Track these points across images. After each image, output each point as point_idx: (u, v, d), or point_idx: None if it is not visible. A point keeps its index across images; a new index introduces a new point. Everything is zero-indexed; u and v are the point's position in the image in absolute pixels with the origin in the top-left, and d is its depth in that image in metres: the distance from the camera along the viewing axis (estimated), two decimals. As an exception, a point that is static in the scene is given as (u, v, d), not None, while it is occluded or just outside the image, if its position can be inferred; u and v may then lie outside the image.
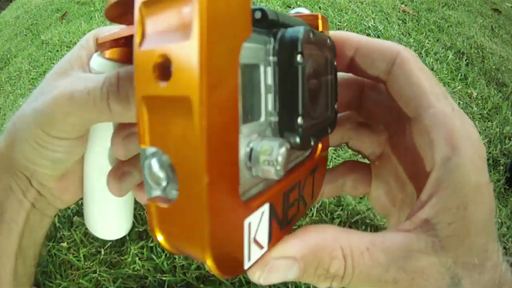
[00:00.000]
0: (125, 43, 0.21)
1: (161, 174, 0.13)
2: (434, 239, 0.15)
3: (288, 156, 0.15)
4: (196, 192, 0.12)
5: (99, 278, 0.32)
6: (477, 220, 0.15)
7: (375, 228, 0.38)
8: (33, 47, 0.98)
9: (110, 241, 0.33)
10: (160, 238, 0.13)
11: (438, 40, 0.79)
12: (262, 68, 0.17)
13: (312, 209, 0.38)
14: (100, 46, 0.22)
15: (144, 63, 0.12)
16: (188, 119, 0.11)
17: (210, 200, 0.11)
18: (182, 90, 0.11)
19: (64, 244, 0.35)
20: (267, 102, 0.17)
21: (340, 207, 0.39)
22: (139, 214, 0.37)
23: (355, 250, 0.15)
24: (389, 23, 0.80)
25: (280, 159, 0.14)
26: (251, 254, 0.14)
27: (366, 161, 0.22)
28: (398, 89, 0.17)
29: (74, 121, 0.22)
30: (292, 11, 0.21)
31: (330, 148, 0.46)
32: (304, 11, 0.21)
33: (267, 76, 0.17)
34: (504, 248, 0.47)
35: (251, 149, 0.15)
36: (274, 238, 0.16)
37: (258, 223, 0.15)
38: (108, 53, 0.22)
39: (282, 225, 0.17)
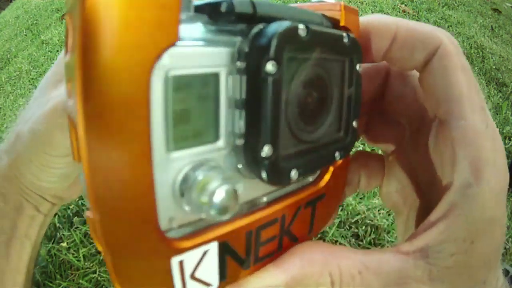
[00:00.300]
0: None
1: None
2: (432, 267, 0.14)
3: (234, 197, 0.12)
4: (94, 228, 0.10)
5: (99, 278, 0.32)
6: (482, 254, 0.14)
7: (375, 228, 0.38)
8: (33, 47, 0.98)
9: None
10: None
11: (438, 40, 0.80)
12: (223, 77, 0.13)
13: (312, 209, 0.38)
14: None
15: None
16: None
17: (106, 237, 0.10)
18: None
19: (64, 244, 0.35)
20: (231, 120, 0.13)
21: (340, 207, 0.39)
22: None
23: (345, 274, 0.14)
24: (389, 23, 0.80)
25: (217, 200, 0.11)
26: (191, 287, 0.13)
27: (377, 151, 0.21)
28: (432, 86, 0.15)
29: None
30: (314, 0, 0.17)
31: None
32: None
33: (229, 88, 0.13)
34: (505, 248, 0.47)
35: (186, 177, 0.12)
36: (231, 276, 0.15)
37: (198, 261, 0.14)
38: None
39: (246, 264, 0.15)
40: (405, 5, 0.92)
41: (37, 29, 1.12)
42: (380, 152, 0.20)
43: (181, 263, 0.13)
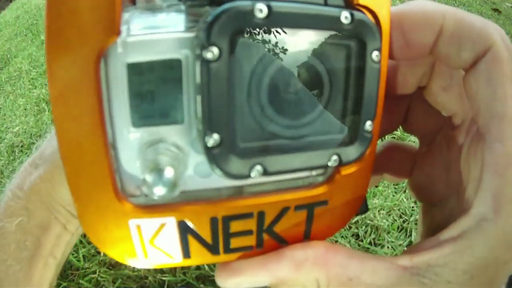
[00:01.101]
0: None
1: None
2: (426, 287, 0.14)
3: (166, 182, 0.12)
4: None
5: (99, 278, 0.32)
6: (477, 285, 0.14)
7: (376, 229, 0.38)
8: (33, 47, 0.98)
9: None
10: None
11: (438, 40, 0.79)
12: (186, 63, 0.13)
13: (312, 209, 0.37)
14: None
15: None
16: None
17: (71, 189, 0.13)
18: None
19: (64, 245, 0.35)
20: (193, 104, 0.13)
21: (340, 207, 0.39)
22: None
23: (333, 281, 0.14)
24: (389, 23, 0.80)
25: (167, 176, 0.12)
26: (150, 255, 0.15)
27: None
28: (475, 93, 0.13)
29: None
30: None
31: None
32: None
33: (190, 73, 0.13)
34: None
35: (145, 155, 0.13)
36: (197, 257, 0.15)
37: (155, 230, 0.15)
38: None
39: (215, 250, 0.15)
40: (405, 5, 0.92)
41: (37, 29, 1.12)
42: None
43: (138, 227, 0.14)
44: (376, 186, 0.42)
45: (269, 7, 0.12)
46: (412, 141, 0.46)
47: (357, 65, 0.14)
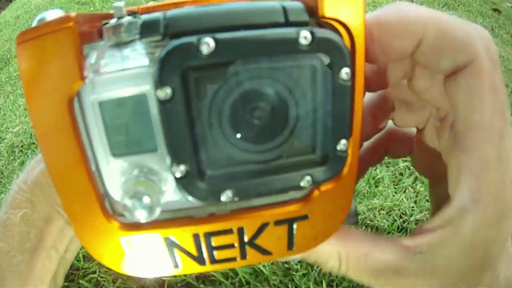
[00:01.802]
0: None
1: None
2: (426, 264, 0.15)
3: (153, 204, 0.13)
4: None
5: (99, 278, 0.32)
6: (468, 270, 0.15)
7: (376, 229, 0.37)
8: (33, 47, 0.98)
9: None
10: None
11: (438, 40, 0.79)
12: (150, 96, 0.13)
13: (312, 209, 0.38)
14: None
15: None
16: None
17: (67, 211, 0.15)
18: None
19: (64, 245, 0.35)
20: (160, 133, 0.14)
21: (340, 207, 0.39)
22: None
23: (352, 255, 0.17)
24: (389, 23, 0.80)
25: (146, 202, 0.13)
26: (144, 266, 0.17)
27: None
28: (454, 101, 0.14)
29: None
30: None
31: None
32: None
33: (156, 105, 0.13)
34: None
35: (125, 182, 0.14)
36: (185, 267, 0.16)
37: (146, 245, 0.16)
38: None
39: (202, 261, 0.16)
40: (405, 5, 0.92)
41: (37, 29, 1.12)
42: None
43: (129, 242, 0.15)
44: (377, 186, 0.42)
45: (215, 40, 0.11)
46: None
47: (323, 85, 0.13)
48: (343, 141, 0.14)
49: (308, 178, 0.14)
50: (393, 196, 0.41)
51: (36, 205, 0.24)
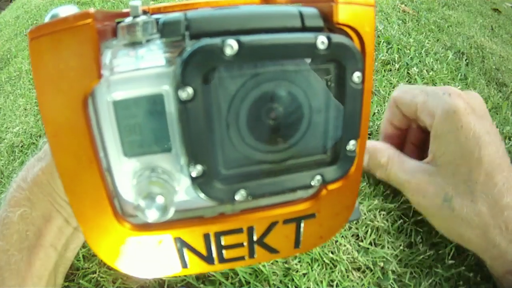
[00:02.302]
0: None
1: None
2: (434, 168, 0.31)
3: (166, 204, 0.13)
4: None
5: (99, 278, 0.32)
6: (453, 155, 0.29)
7: (376, 229, 0.37)
8: (33, 47, 0.97)
9: None
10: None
11: (438, 40, 0.79)
12: (166, 96, 0.13)
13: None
14: None
15: None
16: None
17: (75, 210, 0.14)
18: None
19: (64, 245, 0.34)
20: (178, 134, 0.14)
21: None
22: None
23: (395, 158, 0.34)
24: (389, 23, 0.80)
25: (159, 203, 0.13)
26: (152, 267, 0.17)
27: None
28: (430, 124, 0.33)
29: None
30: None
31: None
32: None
33: (172, 105, 0.13)
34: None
35: (137, 182, 0.14)
36: (194, 267, 0.17)
37: (155, 246, 0.16)
38: None
39: (211, 260, 0.16)
40: (405, 5, 0.92)
41: (37, 29, 1.12)
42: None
43: (139, 242, 0.15)
44: (377, 185, 0.42)
45: (239, 42, 0.12)
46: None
47: (337, 87, 0.14)
48: (353, 142, 0.14)
49: (318, 177, 0.15)
50: (394, 196, 0.41)
51: (35, 203, 0.24)
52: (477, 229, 0.29)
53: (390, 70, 0.64)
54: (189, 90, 0.12)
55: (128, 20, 0.13)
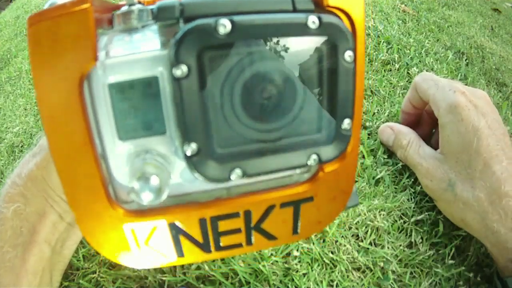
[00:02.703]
0: None
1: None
2: (442, 155, 0.35)
3: (161, 185, 0.13)
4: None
5: (99, 278, 0.32)
6: (454, 145, 0.33)
7: (376, 229, 0.37)
8: (33, 47, 0.97)
9: None
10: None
11: (438, 40, 0.79)
12: (161, 79, 0.13)
13: (312, 209, 0.37)
14: None
15: None
16: None
17: (68, 196, 0.14)
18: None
19: (64, 245, 0.34)
20: (172, 116, 0.14)
21: (340, 208, 0.39)
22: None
23: (415, 142, 0.39)
24: (389, 23, 0.80)
25: (153, 184, 0.13)
26: (146, 256, 0.16)
27: None
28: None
29: None
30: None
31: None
32: None
33: (167, 87, 0.14)
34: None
35: (132, 165, 0.14)
36: (190, 255, 0.16)
37: (149, 232, 0.15)
38: None
39: (207, 248, 0.16)
40: (405, 5, 0.92)
41: (37, 29, 1.12)
42: None
43: (133, 230, 0.15)
44: (377, 186, 0.42)
45: (232, 22, 0.12)
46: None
47: (329, 66, 0.14)
48: (347, 121, 0.15)
49: (314, 156, 0.15)
50: (394, 197, 0.41)
51: (29, 199, 0.24)
52: (477, 214, 0.31)
53: (390, 70, 0.64)
54: (183, 68, 0.12)
55: (124, 8, 0.14)
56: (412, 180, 0.42)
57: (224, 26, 0.12)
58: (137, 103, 0.14)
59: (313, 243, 0.35)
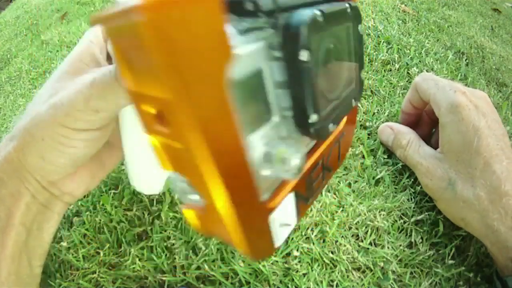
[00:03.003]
0: None
1: (187, 190, 0.15)
2: (442, 154, 0.35)
3: (303, 160, 0.16)
4: (214, 205, 0.14)
5: (99, 278, 0.32)
6: (455, 144, 0.33)
7: (376, 230, 0.37)
8: (33, 47, 0.98)
9: (150, 195, 0.35)
10: (196, 228, 0.16)
11: (438, 40, 0.79)
12: (266, 68, 0.15)
13: (313, 209, 0.37)
14: None
15: (137, 103, 0.13)
16: (192, 160, 0.12)
17: (233, 211, 0.13)
18: (181, 141, 0.12)
19: (64, 244, 0.34)
20: (279, 98, 0.16)
21: (341, 208, 0.39)
22: (137, 215, 0.37)
23: (414, 141, 0.39)
24: (389, 23, 0.80)
25: (294, 164, 0.15)
26: (280, 236, 0.18)
27: None
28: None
29: (97, 105, 0.22)
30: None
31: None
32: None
33: (273, 73, 0.15)
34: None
35: (266, 154, 0.15)
36: (302, 212, 0.20)
37: (283, 212, 0.17)
38: None
39: (308, 199, 0.20)
40: (405, 5, 0.92)
41: (37, 29, 1.12)
42: None
43: (274, 218, 0.17)
44: (377, 186, 0.42)
45: (322, 12, 0.16)
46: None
47: (353, 36, 0.19)
48: (361, 71, 0.20)
49: (353, 100, 0.20)
50: (394, 197, 0.41)
51: (5, 181, 0.24)
52: (477, 213, 0.32)
53: (390, 70, 0.64)
54: (306, 53, 0.15)
55: None
56: (412, 180, 0.42)
57: (321, 15, 0.16)
58: (250, 96, 0.15)
59: (313, 243, 0.35)
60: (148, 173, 0.29)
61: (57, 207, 0.26)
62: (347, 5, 0.18)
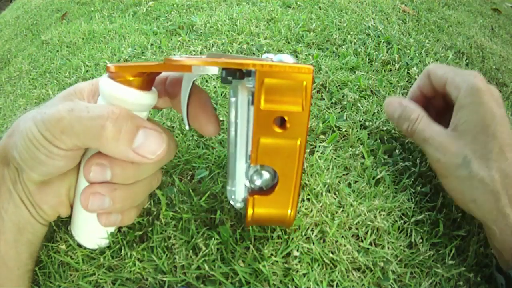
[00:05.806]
0: (148, 76, 0.26)
1: (258, 181, 0.27)
2: (456, 133, 0.35)
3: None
4: (288, 186, 0.26)
5: (98, 280, 0.32)
6: (472, 124, 0.34)
7: (376, 230, 0.37)
8: (33, 47, 0.98)
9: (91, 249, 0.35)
10: (249, 216, 0.28)
11: (438, 40, 0.79)
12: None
13: (313, 209, 0.37)
14: (121, 72, 0.25)
15: (265, 117, 0.23)
16: (293, 148, 0.24)
17: (296, 189, 0.26)
18: (293, 136, 0.24)
19: (63, 247, 0.34)
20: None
21: (341, 208, 0.39)
22: (136, 218, 0.37)
23: (425, 117, 0.38)
24: (389, 23, 0.80)
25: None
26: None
27: None
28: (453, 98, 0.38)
29: (66, 129, 0.23)
30: (275, 58, 0.24)
31: (330, 149, 0.46)
32: (288, 60, 0.23)
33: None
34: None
35: None
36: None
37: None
38: (129, 81, 0.25)
39: None
40: (405, 5, 0.92)
41: (37, 29, 1.12)
42: None
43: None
44: (377, 186, 0.42)
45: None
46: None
47: None
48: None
49: None
50: (394, 197, 0.40)
51: None
52: (490, 194, 0.32)
53: (390, 70, 0.64)
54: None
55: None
56: (412, 180, 0.42)
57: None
58: None
59: (313, 243, 0.35)
60: (92, 227, 0.32)
61: (39, 219, 0.28)
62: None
